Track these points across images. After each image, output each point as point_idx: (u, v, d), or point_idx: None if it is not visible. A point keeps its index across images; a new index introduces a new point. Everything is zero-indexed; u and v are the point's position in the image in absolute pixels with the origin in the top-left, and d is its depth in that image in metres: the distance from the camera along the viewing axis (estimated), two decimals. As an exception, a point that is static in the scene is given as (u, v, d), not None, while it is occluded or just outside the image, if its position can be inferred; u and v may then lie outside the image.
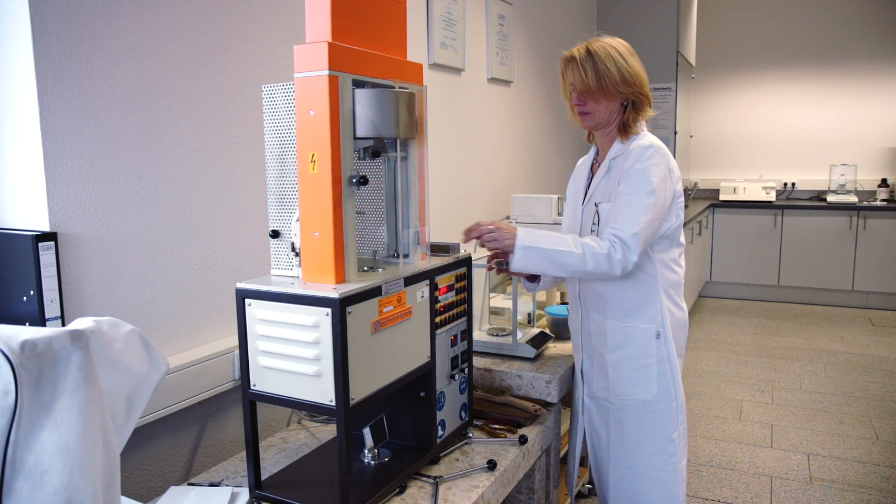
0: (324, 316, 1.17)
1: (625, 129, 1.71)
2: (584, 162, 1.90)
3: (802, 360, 4.58)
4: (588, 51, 1.66)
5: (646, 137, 1.70)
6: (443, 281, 1.48)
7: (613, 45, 1.67)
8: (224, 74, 1.65)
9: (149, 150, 1.48)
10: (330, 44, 1.17)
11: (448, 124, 2.90)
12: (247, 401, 1.30)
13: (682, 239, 1.79)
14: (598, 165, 1.80)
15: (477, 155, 3.21)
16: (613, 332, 1.74)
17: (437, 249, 1.57)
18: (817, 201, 6.26)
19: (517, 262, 1.57)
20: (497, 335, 2.09)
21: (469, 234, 1.59)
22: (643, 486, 1.77)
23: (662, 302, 1.72)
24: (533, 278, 1.90)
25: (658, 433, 1.74)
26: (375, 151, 1.37)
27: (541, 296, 2.50)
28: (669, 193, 1.65)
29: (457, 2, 2.88)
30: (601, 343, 1.77)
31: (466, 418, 1.63)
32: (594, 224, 1.72)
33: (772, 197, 6.28)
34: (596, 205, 1.72)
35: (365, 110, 1.24)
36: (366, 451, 1.45)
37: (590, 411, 1.86)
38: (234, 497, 1.33)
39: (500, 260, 1.71)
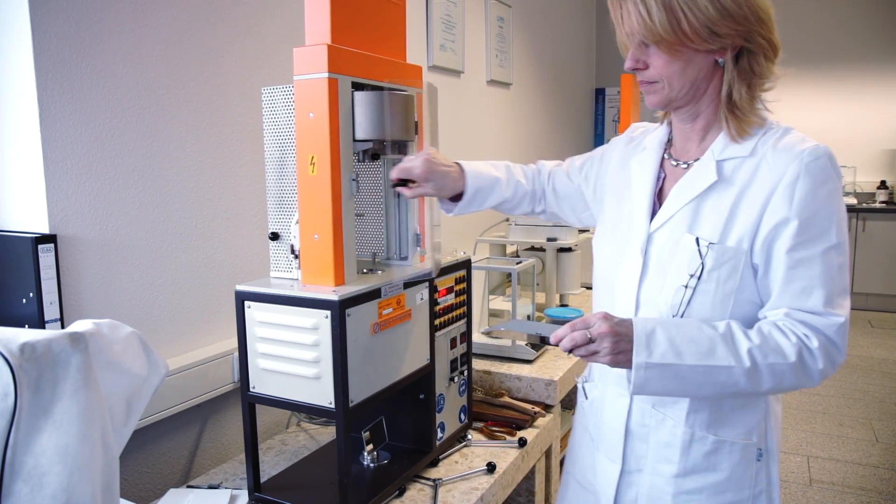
0: (323, 318, 1.17)
1: (733, 112, 1.05)
2: (648, 151, 1.20)
3: (802, 362, 4.58)
4: None
5: (792, 132, 1.06)
6: (442, 283, 1.48)
7: None
8: (223, 77, 1.65)
9: (148, 153, 1.48)
10: (329, 46, 1.17)
11: (447, 126, 2.90)
12: (246, 403, 1.30)
13: None
14: (679, 164, 1.14)
15: (476, 157, 3.22)
16: (694, 449, 1.10)
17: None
18: (816, 203, 6.26)
19: (638, 387, 0.99)
20: (496, 337, 2.09)
21: (560, 344, 1.03)
22: None
23: (769, 400, 1.12)
24: (455, 198, 1.33)
25: None
26: (375, 154, 1.37)
27: (540, 297, 2.50)
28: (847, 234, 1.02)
29: (456, 4, 2.88)
30: (664, 458, 1.12)
31: (466, 421, 1.63)
32: (693, 276, 1.04)
33: (771, 199, 6.27)
34: (699, 241, 1.05)
35: (364, 113, 1.24)
36: (365, 454, 1.45)
37: None
38: (233, 499, 1.33)
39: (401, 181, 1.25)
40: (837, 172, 1.02)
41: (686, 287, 1.04)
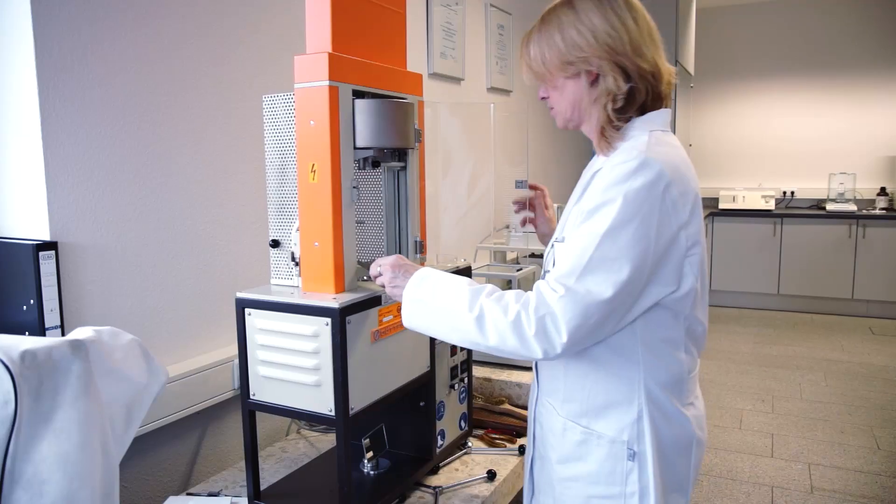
0: (323, 326, 1.17)
1: (602, 133, 1.14)
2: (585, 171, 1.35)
3: (803, 369, 4.57)
4: (542, 16, 1.18)
5: (634, 142, 1.10)
6: (442, 290, 1.48)
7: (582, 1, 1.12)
8: (224, 84, 1.66)
9: (149, 160, 1.48)
10: (330, 54, 1.17)
11: (448, 132, 2.91)
12: (246, 410, 1.30)
13: (702, 314, 1.16)
14: None
15: (475, 159, 3.22)
16: (566, 436, 1.19)
17: None
18: (816, 210, 6.27)
19: (406, 319, 1.14)
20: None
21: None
22: None
23: (643, 405, 1.13)
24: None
25: None
26: (375, 161, 1.37)
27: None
28: (657, 242, 1.03)
29: (456, 12, 2.89)
30: (549, 444, 1.24)
31: (466, 428, 1.63)
32: (549, 273, 1.16)
33: (771, 205, 6.28)
34: (553, 243, 1.21)
35: (365, 120, 1.24)
36: (365, 461, 1.45)
37: None
38: (232, 507, 1.33)
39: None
40: (659, 179, 1.03)
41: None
